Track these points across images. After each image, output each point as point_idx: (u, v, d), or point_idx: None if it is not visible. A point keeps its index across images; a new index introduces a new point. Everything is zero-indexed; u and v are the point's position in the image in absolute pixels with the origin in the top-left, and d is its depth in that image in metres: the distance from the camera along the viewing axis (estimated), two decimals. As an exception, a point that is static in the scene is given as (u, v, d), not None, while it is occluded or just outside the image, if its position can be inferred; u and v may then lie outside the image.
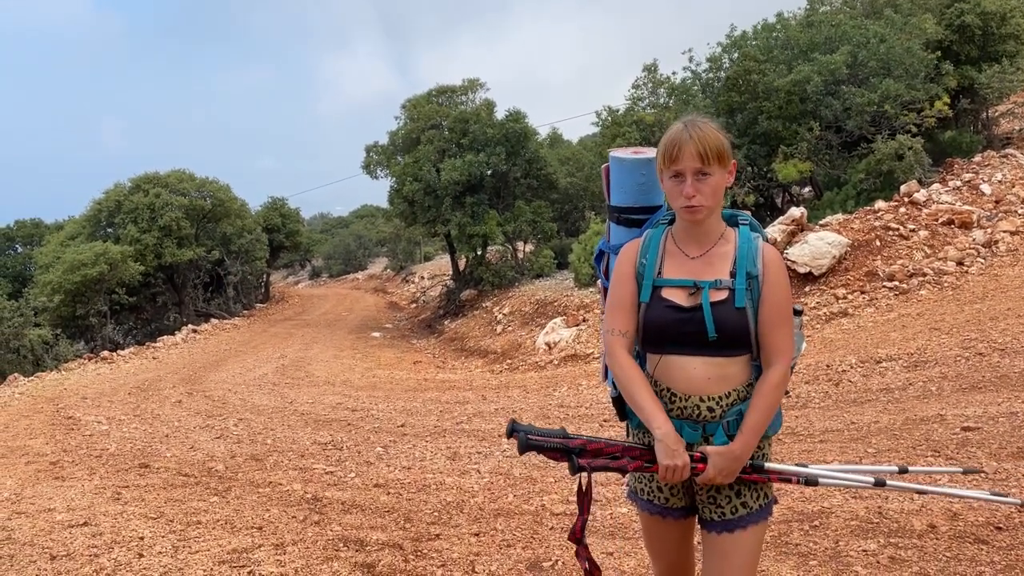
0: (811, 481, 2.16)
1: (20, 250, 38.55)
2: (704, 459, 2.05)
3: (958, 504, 4.19)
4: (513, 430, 2.09)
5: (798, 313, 2.19)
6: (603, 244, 2.44)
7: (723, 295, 2.07)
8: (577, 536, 2.21)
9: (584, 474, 2.11)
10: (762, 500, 2.15)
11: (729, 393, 2.09)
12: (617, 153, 2.30)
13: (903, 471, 2.39)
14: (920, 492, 2.30)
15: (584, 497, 2.21)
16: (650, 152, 2.25)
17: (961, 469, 2.54)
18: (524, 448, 2.07)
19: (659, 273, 2.15)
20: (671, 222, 2.23)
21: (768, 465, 2.15)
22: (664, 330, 2.11)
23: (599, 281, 2.53)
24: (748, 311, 2.06)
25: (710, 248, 2.14)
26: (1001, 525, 3.88)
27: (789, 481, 2.17)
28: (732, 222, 2.20)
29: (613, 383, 2.30)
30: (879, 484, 2.20)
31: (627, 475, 2.22)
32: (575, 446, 2.09)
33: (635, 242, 2.23)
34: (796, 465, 2.21)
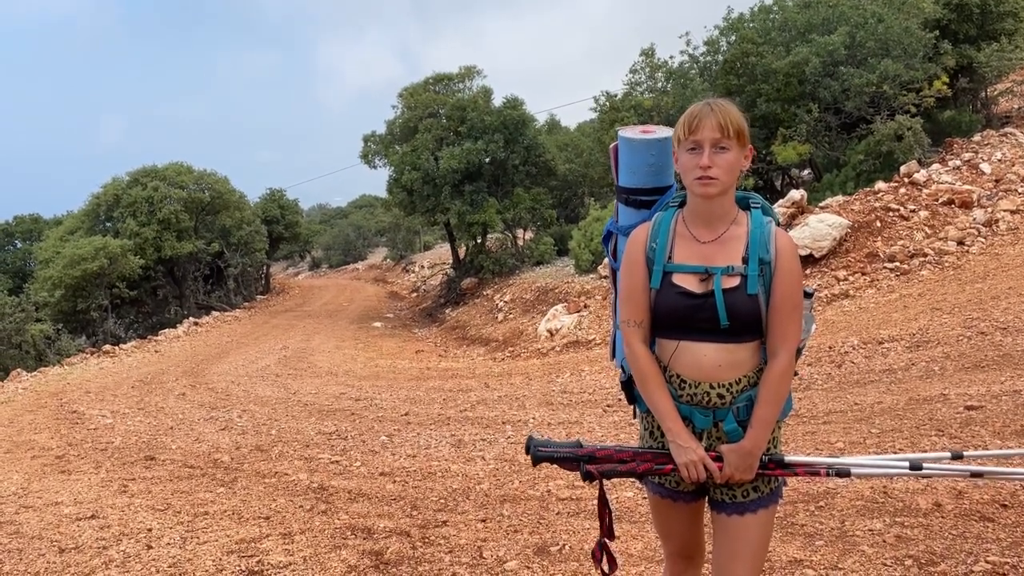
0: (843, 473, 2.14)
1: (19, 246, 38.51)
2: (720, 458, 2.07)
3: (963, 483, 4.20)
4: (529, 445, 2.17)
5: (809, 296, 2.17)
6: (611, 225, 2.40)
7: (735, 281, 2.05)
8: (603, 541, 2.25)
9: (601, 483, 2.15)
10: (773, 483, 2.15)
11: (739, 380, 2.09)
12: (626, 133, 2.24)
13: (957, 457, 2.23)
14: (976, 475, 2.22)
15: (604, 507, 2.23)
16: (660, 131, 2.21)
17: None
18: (536, 461, 2.16)
19: (670, 258, 2.12)
20: (681, 204, 2.20)
21: (792, 458, 2.13)
22: (675, 316, 2.09)
23: (607, 261, 2.51)
24: (760, 298, 2.05)
25: (722, 232, 2.11)
26: (1006, 503, 3.89)
27: (817, 474, 2.14)
28: (744, 205, 2.17)
29: (623, 366, 2.30)
30: (915, 468, 2.12)
31: (642, 479, 2.24)
32: (584, 454, 2.13)
33: (644, 226, 2.20)
34: (826, 456, 2.17)
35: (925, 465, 2.13)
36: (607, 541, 2.25)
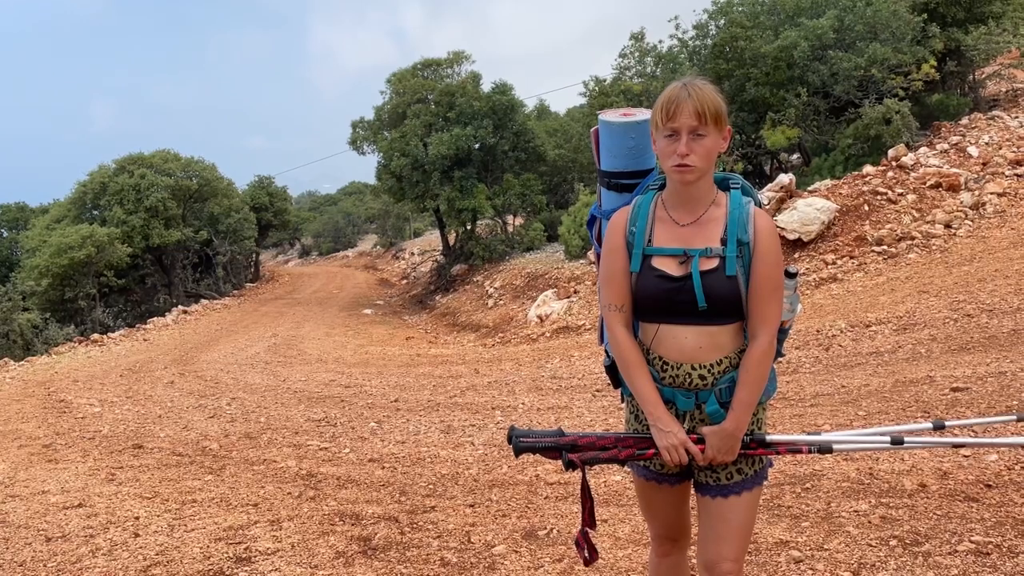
0: (824, 449, 2.13)
1: (6, 235, 38.25)
2: (703, 440, 2.07)
3: (948, 463, 4.23)
4: (510, 436, 2.16)
5: (793, 276, 2.16)
6: (595, 210, 2.39)
7: (714, 263, 2.04)
8: (585, 527, 2.24)
9: (584, 471, 2.15)
10: (757, 466, 2.15)
11: (720, 361, 2.08)
12: (606, 116, 2.22)
13: (939, 427, 2.24)
14: (957, 446, 2.22)
15: (585, 495, 2.22)
16: (640, 114, 2.19)
17: (1015, 416, 2.42)
18: (518, 452, 2.15)
19: (649, 241, 2.11)
20: (661, 187, 2.18)
21: (773, 437, 2.13)
22: (655, 300, 2.08)
23: (592, 247, 2.50)
24: (739, 279, 2.03)
25: (701, 214, 2.09)
26: (991, 483, 3.92)
27: (799, 451, 2.13)
28: (723, 186, 2.16)
29: (607, 350, 2.29)
30: (896, 443, 2.12)
31: (624, 465, 2.23)
32: (565, 443, 2.12)
33: (624, 210, 2.18)
34: (807, 434, 2.16)
35: (907, 439, 2.13)
36: (588, 530, 2.24)
